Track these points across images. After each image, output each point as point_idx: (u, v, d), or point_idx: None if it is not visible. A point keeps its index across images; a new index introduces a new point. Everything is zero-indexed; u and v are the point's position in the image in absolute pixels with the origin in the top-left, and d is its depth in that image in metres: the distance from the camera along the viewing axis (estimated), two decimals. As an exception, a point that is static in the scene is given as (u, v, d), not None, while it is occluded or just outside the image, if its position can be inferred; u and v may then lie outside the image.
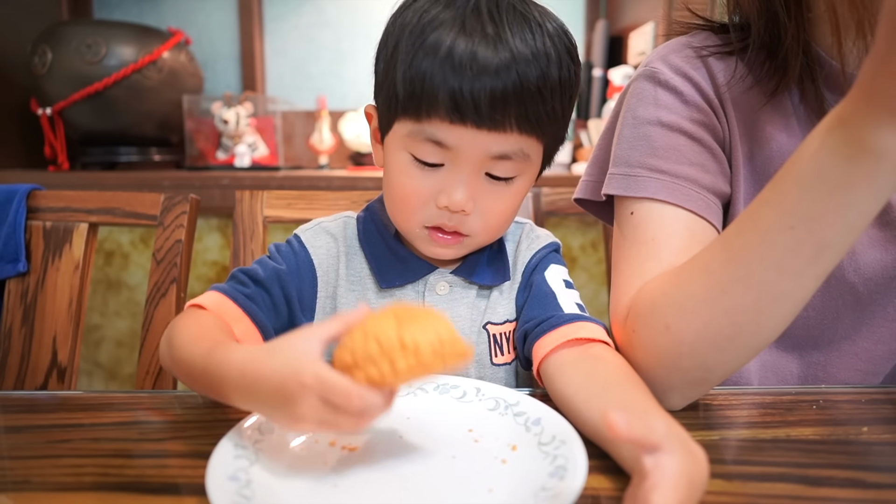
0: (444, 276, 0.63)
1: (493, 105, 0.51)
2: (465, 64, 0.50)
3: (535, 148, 0.56)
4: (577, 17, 2.09)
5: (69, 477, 0.42)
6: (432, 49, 0.51)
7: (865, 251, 0.62)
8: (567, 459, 0.40)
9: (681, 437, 0.38)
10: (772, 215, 0.44)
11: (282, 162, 1.88)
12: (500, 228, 0.61)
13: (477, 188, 0.56)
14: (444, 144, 0.54)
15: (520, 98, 0.51)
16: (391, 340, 0.38)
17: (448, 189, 0.55)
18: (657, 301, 0.52)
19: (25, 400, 0.56)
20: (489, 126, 0.52)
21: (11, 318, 0.93)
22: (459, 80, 0.50)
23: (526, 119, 0.53)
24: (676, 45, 0.66)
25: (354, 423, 0.39)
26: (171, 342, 0.51)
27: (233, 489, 0.37)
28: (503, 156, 0.54)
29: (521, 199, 0.60)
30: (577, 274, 1.64)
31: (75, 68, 1.62)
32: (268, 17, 2.08)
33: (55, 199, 0.96)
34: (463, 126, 0.52)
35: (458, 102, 0.51)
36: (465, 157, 0.54)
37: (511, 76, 0.51)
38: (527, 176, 0.58)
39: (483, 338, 0.62)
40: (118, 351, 1.68)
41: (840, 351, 0.65)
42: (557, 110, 0.55)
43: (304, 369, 0.38)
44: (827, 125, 0.41)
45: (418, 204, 0.57)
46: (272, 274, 0.59)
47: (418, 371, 0.38)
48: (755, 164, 0.63)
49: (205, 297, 0.55)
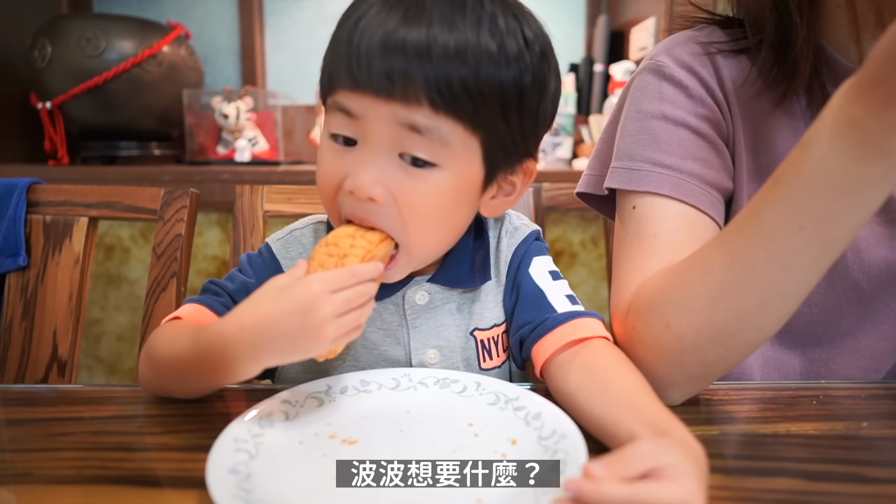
0: (422, 286, 0.58)
1: (388, 69, 0.45)
2: (371, 24, 0.46)
3: (462, 137, 0.48)
4: (579, 12, 2.09)
5: (70, 470, 0.42)
6: (344, 22, 0.49)
7: (871, 249, 0.61)
8: (567, 454, 0.41)
9: (675, 441, 0.38)
10: (777, 217, 0.43)
11: (282, 156, 1.88)
12: (430, 235, 0.53)
13: (388, 173, 0.49)
14: (351, 113, 0.48)
15: (425, 58, 0.45)
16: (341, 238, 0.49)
17: (355, 171, 0.49)
18: (657, 299, 0.52)
19: (26, 393, 0.56)
20: (386, 94, 0.46)
21: (12, 313, 0.93)
22: (359, 37, 0.46)
23: (437, 91, 0.45)
24: (682, 38, 0.65)
25: (363, 299, 0.45)
26: (151, 356, 0.50)
27: (233, 482, 0.37)
28: (413, 127, 0.47)
29: (449, 201, 0.51)
30: (577, 270, 1.64)
31: (75, 62, 1.61)
32: (268, 10, 2.07)
33: (55, 193, 0.95)
34: (362, 94, 0.47)
35: (352, 63, 0.46)
36: (373, 127, 0.48)
37: (417, 31, 0.45)
38: (451, 171, 0.49)
39: (471, 344, 0.60)
40: (118, 345, 1.68)
41: (843, 348, 0.65)
42: (487, 91, 0.47)
43: (307, 281, 0.43)
44: (833, 127, 0.40)
45: (332, 191, 0.51)
46: (241, 287, 0.57)
47: (381, 241, 0.49)
48: (760, 162, 0.63)
49: (180, 310, 0.55)
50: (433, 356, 0.59)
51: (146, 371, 0.51)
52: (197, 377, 0.47)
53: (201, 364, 0.45)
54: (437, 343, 0.59)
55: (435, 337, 0.59)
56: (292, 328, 0.42)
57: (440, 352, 0.59)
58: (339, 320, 0.43)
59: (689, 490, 0.34)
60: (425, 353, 0.59)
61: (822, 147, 0.40)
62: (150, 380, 0.52)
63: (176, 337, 0.49)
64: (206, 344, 0.44)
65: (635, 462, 0.35)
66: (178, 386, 0.50)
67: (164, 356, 0.49)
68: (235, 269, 0.60)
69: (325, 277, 0.43)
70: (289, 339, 0.42)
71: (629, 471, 0.34)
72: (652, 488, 0.34)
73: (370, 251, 0.48)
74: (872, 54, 0.37)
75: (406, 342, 0.58)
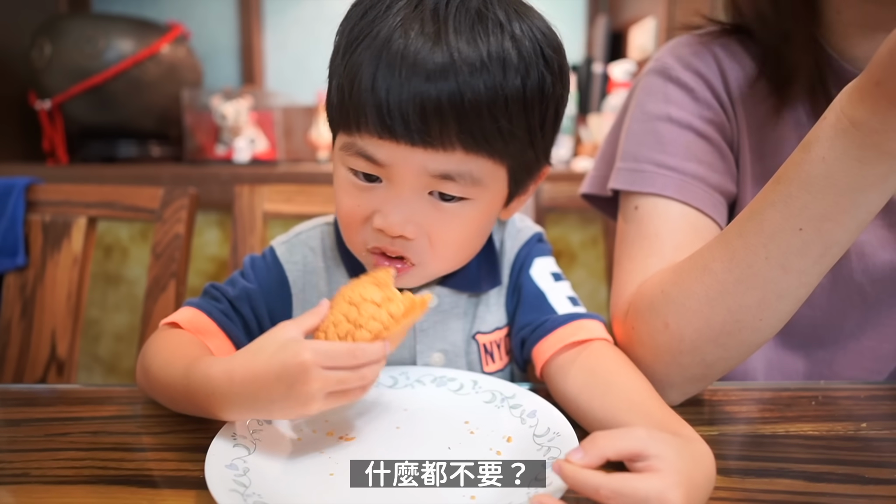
0: (432, 289, 0.58)
1: (425, 118, 0.43)
2: (395, 66, 0.43)
3: (491, 171, 0.48)
4: (579, 12, 2.09)
5: (68, 470, 0.42)
6: (364, 51, 0.45)
7: (874, 252, 0.61)
8: (561, 451, 0.41)
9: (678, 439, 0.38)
10: (778, 217, 0.43)
11: (281, 156, 1.88)
12: (457, 258, 0.54)
13: (419, 211, 0.48)
14: (376, 161, 0.47)
15: (460, 110, 0.43)
16: (365, 302, 0.43)
17: (384, 209, 0.48)
18: (656, 299, 0.52)
19: (24, 393, 0.56)
20: (423, 143, 0.45)
21: (10, 312, 0.93)
22: (387, 87, 0.43)
23: (471, 136, 0.45)
24: (688, 40, 0.65)
25: (361, 382, 0.41)
26: (146, 369, 0.49)
27: (231, 477, 0.38)
28: (446, 175, 0.47)
29: (478, 227, 0.52)
30: (576, 270, 1.64)
31: (74, 62, 1.61)
32: (267, 10, 2.07)
33: (54, 193, 0.95)
34: (393, 142, 0.45)
35: (384, 114, 0.44)
36: (401, 175, 0.47)
37: (448, 84, 0.43)
38: (481, 203, 0.49)
39: (473, 348, 0.59)
40: (117, 345, 1.68)
41: (845, 349, 0.65)
42: (517, 127, 0.46)
43: (300, 349, 0.39)
44: (835, 128, 0.40)
45: (356, 224, 0.51)
46: (242, 293, 0.56)
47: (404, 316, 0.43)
48: (764, 166, 0.63)
49: (179, 314, 0.54)
50: (438, 360, 0.59)
51: (142, 380, 0.51)
52: (186, 408, 0.46)
53: (190, 401, 0.44)
54: (443, 347, 0.59)
55: (441, 341, 0.59)
56: (278, 394, 0.39)
57: (445, 355, 0.59)
58: (328, 397, 0.40)
59: (666, 484, 0.34)
60: (430, 356, 0.59)
61: (824, 147, 0.40)
62: (144, 388, 0.51)
63: (171, 361, 0.47)
64: (195, 385, 0.43)
65: (620, 440, 0.36)
66: (170, 406, 0.49)
67: (157, 379, 0.48)
68: (237, 272, 0.60)
69: (321, 350, 0.39)
70: (275, 403, 0.40)
71: (609, 448, 0.35)
72: (628, 478, 0.34)
73: (388, 328, 0.42)
74: (876, 56, 0.37)
75: (412, 345, 0.58)
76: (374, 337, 0.42)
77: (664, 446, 0.36)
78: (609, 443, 0.36)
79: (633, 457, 0.36)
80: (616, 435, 0.37)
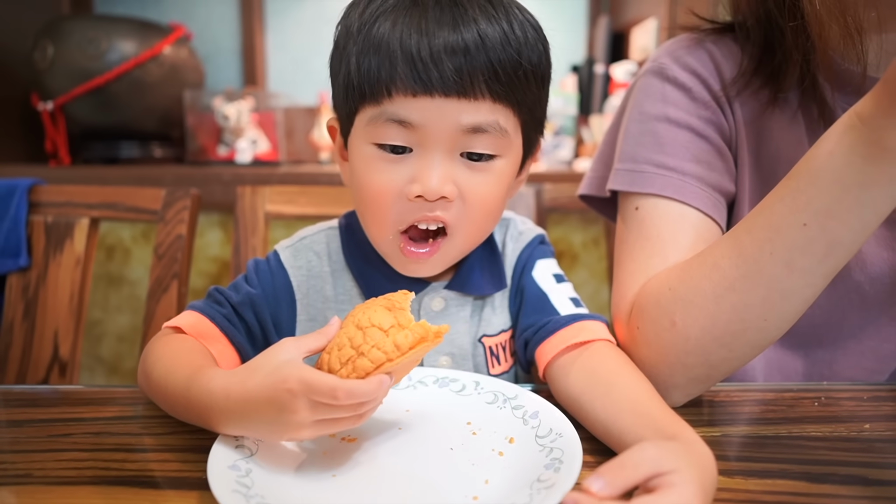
0: (439, 292, 0.59)
1: (457, 65, 0.47)
2: (420, 25, 0.47)
3: (512, 122, 0.52)
4: (580, 12, 2.09)
5: (71, 471, 0.42)
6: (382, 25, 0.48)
7: (872, 251, 0.61)
8: (563, 452, 0.41)
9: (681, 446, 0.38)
10: (784, 211, 0.44)
11: (283, 157, 1.88)
12: (484, 225, 0.55)
13: (454, 172, 0.50)
14: (409, 123, 0.49)
15: (486, 56, 0.47)
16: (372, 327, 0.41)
17: (420, 176, 0.49)
18: (663, 297, 0.52)
19: (27, 394, 0.56)
20: (457, 92, 0.47)
21: (13, 313, 0.93)
22: (416, 43, 0.47)
23: (497, 81, 0.48)
24: (685, 40, 0.65)
25: (352, 418, 0.39)
26: (148, 374, 0.49)
27: (233, 478, 0.38)
28: (477, 128, 0.49)
29: (506, 186, 0.54)
30: (578, 271, 1.64)
31: (76, 63, 1.61)
32: (269, 11, 2.07)
33: (56, 194, 0.95)
34: (428, 97, 0.47)
35: (418, 69, 0.47)
36: (435, 135, 0.49)
37: (472, 34, 0.47)
38: (509, 157, 0.53)
39: (479, 351, 0.60)
40: (119, 346, 1.68)
41: (845, 349, 0.65)
42: (531, 78, 0.51)
43: (288, 376, 0.38)
44: (845, 123, 0.41)
45: (389, 200, 0.51)
46: (245, 299, 0.56)
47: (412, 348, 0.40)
48: (761, 165, 0.63)
49: (182, 318, 0.53)
50: (445, 363, 0.59)
51: (143, 384, 0.50)
52: (186, 417, 0.46)
53: (190, 411, 0.44)
54: (450, 350, 0.59)
55: (448, 344, 0.59)
56: (268, 418, 0.39)
57: (452, 359, 0.59)
58: (317, 424, 0.39)
59: (685, 498, 0.34)
60: (437, 360, 0.59)
61: (832, 142, 0.41)
62: (146, 392, 0.51)
63: (173, 369, 0.47)
64: (195, 397, 0.43)
65: (636, 469, 0.35)
66: (170, 413, 0.49)
67: (159, 386, 0.47)
68: (242, 276, 0.59)
69: (307, 381, 0.38)
70: (265, 426, 0.40)
71: (629, 479, 0.34)
72: (649, 501, 0.33)
73: (391, 360, 0.40)
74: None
75: None
76: (375, 367, 0.39)
77: (674, 458, 0.35)
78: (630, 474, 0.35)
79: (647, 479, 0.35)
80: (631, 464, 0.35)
